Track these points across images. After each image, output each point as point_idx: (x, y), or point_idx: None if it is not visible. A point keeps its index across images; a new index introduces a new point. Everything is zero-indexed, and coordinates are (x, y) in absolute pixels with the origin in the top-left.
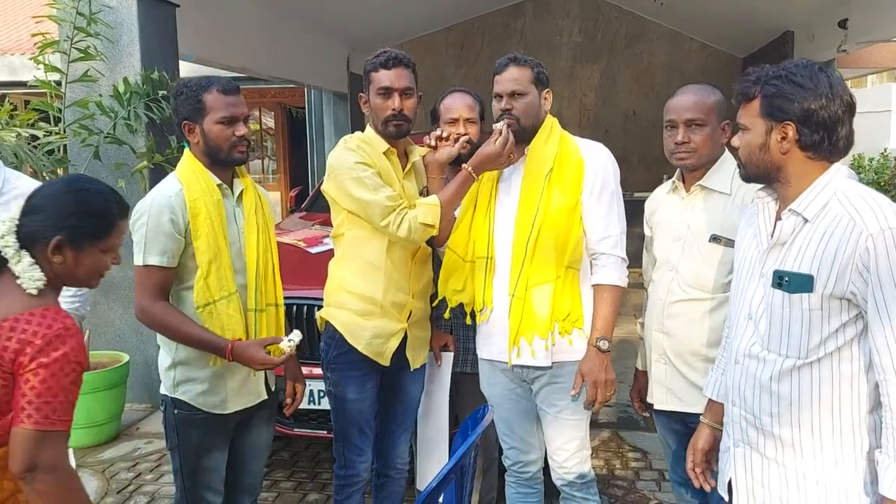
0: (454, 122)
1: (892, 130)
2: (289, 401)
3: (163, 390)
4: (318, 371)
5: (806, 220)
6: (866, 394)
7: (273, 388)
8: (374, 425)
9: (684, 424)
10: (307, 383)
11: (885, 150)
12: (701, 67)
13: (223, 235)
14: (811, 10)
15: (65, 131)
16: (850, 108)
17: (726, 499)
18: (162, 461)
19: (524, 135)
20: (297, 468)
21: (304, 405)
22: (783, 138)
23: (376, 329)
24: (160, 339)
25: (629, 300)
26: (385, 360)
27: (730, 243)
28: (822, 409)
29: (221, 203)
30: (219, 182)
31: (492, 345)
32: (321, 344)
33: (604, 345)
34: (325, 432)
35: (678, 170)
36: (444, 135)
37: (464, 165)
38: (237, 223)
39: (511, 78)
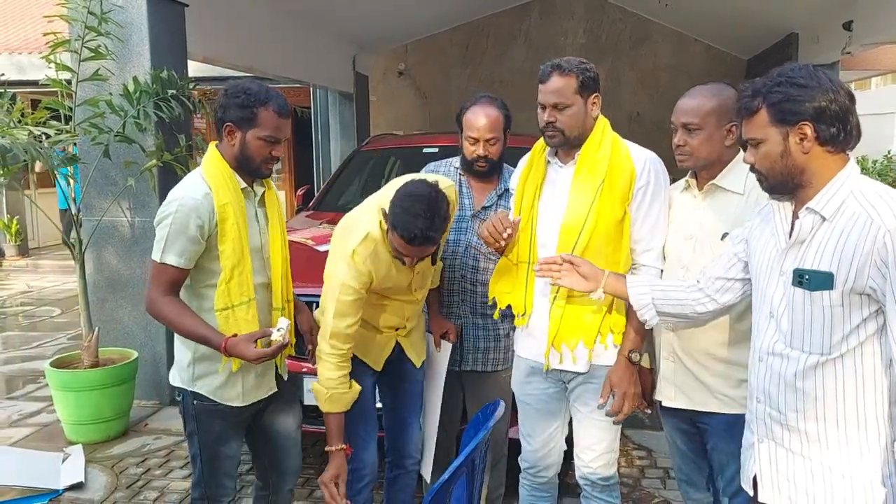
0: (475, 141)
1: (895, 132)
2: (310, 347)
3: (179, 383)
4: None
5: (824, 219)
6: (889, 387)
7: (286, 378)
8: (375, 418)
9: (692, 423)
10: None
11: (889, 152)
12: (705, 69)
13: (246, 241)
14: (816, 11)
15: (75, 130)
16: (852, 97)
17: (751, 493)
18: (170, 457)
19: (571, 143)
20: (306, 464)
21: (311, 401)
22: (802, 139)
23: (368, 342)
24: (178, 336)
25: None
26: (378, 367)
27: None
28: (846, 403)
29: (245, 208)
30: (244, 185)
31: (530, 346)
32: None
33: (635, 357)
34: None
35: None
36: (506, 240)
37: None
38: (258, 223)
39: (553, 89)
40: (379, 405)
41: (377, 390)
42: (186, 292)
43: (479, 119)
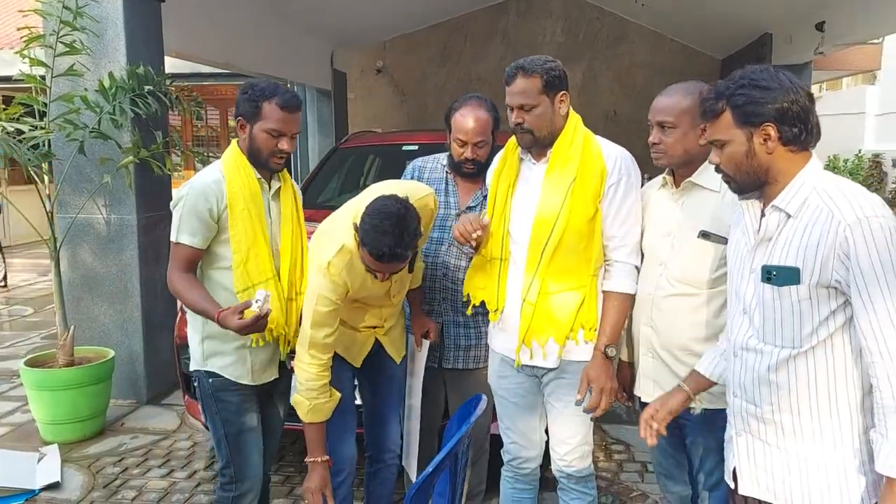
0: (463, 143)
1: (866, 132)
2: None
3: (193, 366)
4: None
5: (789, 216)
6: (860, 377)
7: (289, 367)
8: (354, 413)
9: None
10: None
11: (860, 151)
12: (681, 68)
13: (261, 225)
14: (789, 12)
15: (50, 126)
16: (811, 96)
17: (732, 486)
18: (148, 456)
19: (541, 143)
20: (285, 462)
21: None
22: (766, 139)
23: (347, 340)
24: (189, 320)
25: None
26: (357, 364)
27: (719, 240)
28: (819, 394)
29: (259, 195)
30: (258, 176)
31: (503, 341)
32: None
33: (611, 352)
34: None
35: (668, 168)
36: (476, 242)
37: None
38: (270, 217)
39: (518, 91)
40: (358, 401)
41: (356, 385)
42: (200, 275)
43: (468, 122)
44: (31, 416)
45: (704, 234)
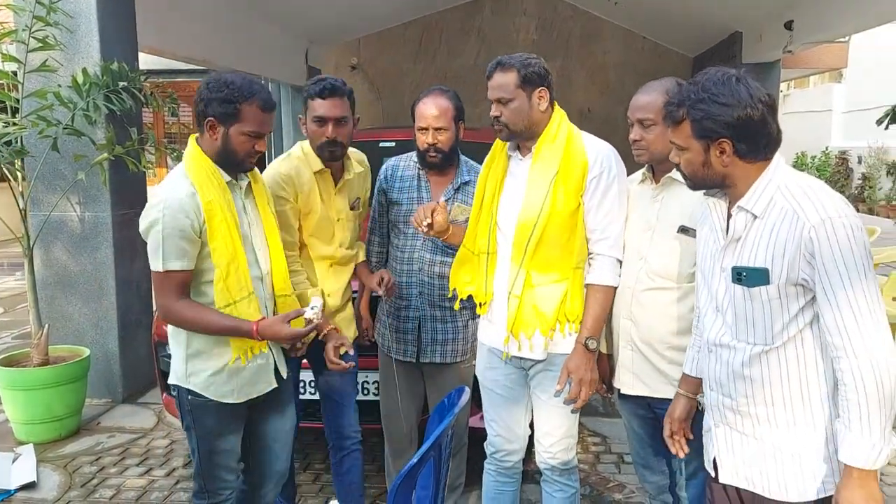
0: (424, 130)
1: (833, 129)
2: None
3: (173, 380)
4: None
5: (755, 216)
6: (830, 369)
7: (285, 376)
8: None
9: (649, 409)
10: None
11: (827, 148)
12: (653, 67)
13: (238, 236)
14: (759, 11)
15: (22, 122)
16: (771, 106)
17: (713, 475)
18: (125, 454)
19: (518, 136)
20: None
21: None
22: (721, 153)
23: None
24: (170, 332)
25: None
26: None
27: (695, 234)
28: (791, 386)
29: (232, 202)
30: (228, 179)
31: (492, 334)
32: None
33: (592, 344)
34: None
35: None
36: (427, 224)
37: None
38: (247, 215)
39: (496, 85)
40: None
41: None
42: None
43: (428, 108)
44: (5, 417)
45: (683, 230)
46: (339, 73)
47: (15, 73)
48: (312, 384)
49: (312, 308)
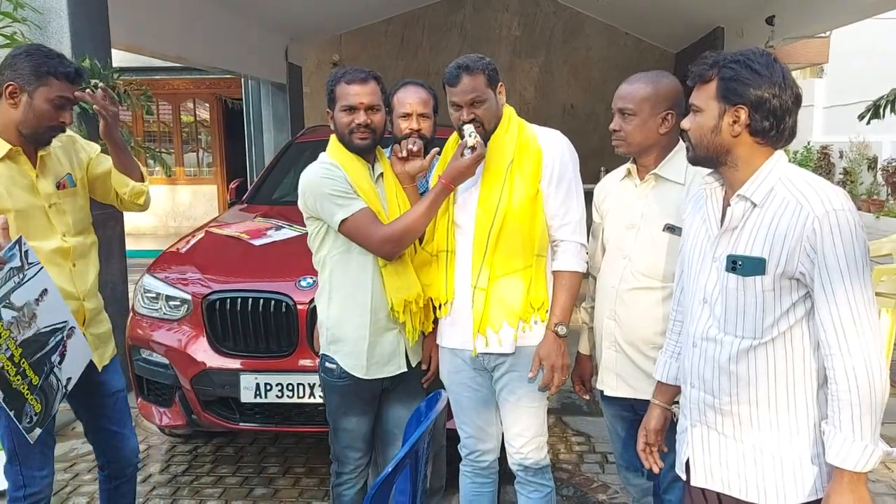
0: (407, 116)
1: (814, 124)
2: (424, 367)
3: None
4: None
5: (754, 205)
6: (817, 369)
7: (414, 365)
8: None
9: (633, 411)
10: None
11: (809, 143)
12: (636, 62)
13: (378, 202)
14: (740, 6)
15: None
16: (798, 99)
17: (684, 478)
18: None
19: (489, 134)
20: (243, 463)
21: (267, 399)
22: (735, 121)
23: None
24: (321, 298)
25: None
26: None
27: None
28: (777, 385)
29: (367, 170)
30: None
31: (455, 334)
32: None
33: (561, 330)
34: (275, 426)
35: (632, 157)
36: (415, 149)
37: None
38: (378, 200)
39: (467, 89)
40: None
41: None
42: (342, 260)
43: (411, 95)
44: None
45: (670, 228)
46: (320, 70)
47: None
48: (289, 387)
49: (470, 134)
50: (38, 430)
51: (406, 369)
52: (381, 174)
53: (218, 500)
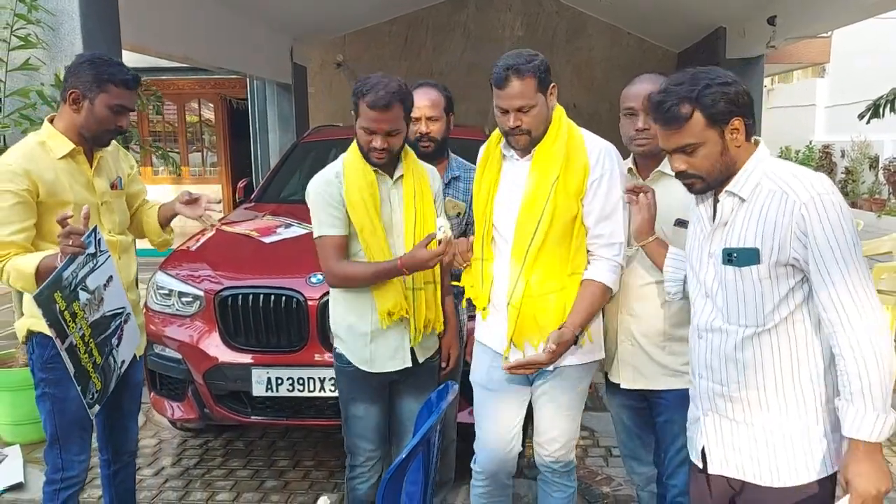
0: (416, 120)
1: (816, 124)
2: (444, 364)
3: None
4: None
5: (742, 200)
6: (820, 350)
7: (421, 361)
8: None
9: (642, 399)
10: (273, 371)
11: (811, 142)
12: (638, 62)
13: (376, 213)
14: (742, 6)
15: (5, 121)
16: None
17: (700, 466)
18: None
19: (537, 141)
20: (253, 456)
21: (278, 393)
22: (735, 134)
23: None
24: (331, 297)
25: None
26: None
27: None
28: (783, 368)
29: (375, 185)
30: (375, 168)
31: (493, 336)
32: (30, 347)
33: (581, 340)
34: (286, 419)
35: (631, 157)
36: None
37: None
38: (391, 203)
39: (516, 94)
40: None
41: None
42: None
43: (420, 99)
44: None
45: (680, 222)
46: (324, 70)
47: None
48: (300, 381)
49: (440, 229)
50: (97, 407)
51: (411, 365)
52: (401, 176)
53: (229, 492)
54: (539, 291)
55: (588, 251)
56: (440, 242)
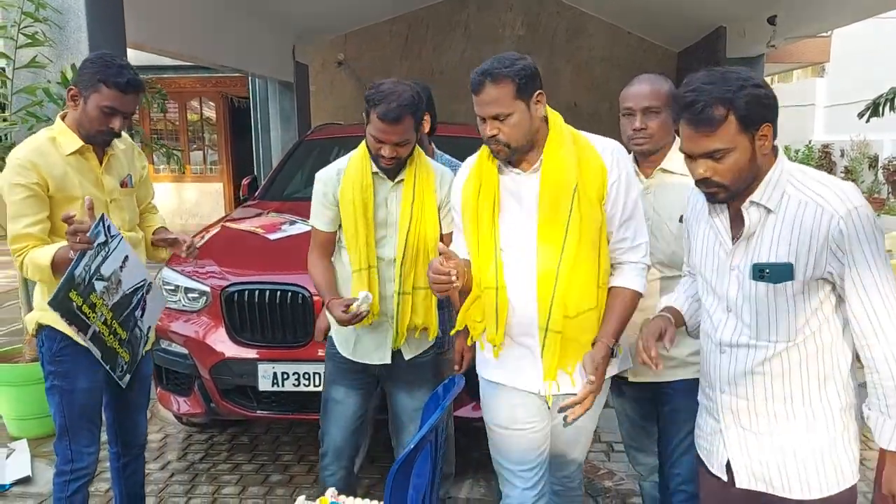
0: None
1: (815, 123)
2: (456, 367)
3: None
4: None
5: (769, 211)
6: (845, 357)
7: (409, 358)
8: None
9: (647, 390)
10: (279, 366)
11: (810, 142)
12: (638, 61)
13: (364, 217)
14: (742, 6)
15: (12, 118)
16: None
17: (724, 479)
18: None
19: (520, 152)
20: (258, 451)
21: (283, 388)
22: (763, 138)
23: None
24: None
25: None
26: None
27: None
28: (810, 377)
29: (370, 189)
30: (375, 170)
31: (516, 371)
32: (39, 340)
33: (618, 351)
34: (291, 413)
35: (632, 156)
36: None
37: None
38: (387, 206)
39: (490, 100)
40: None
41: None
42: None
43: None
44: None
45: (683, 219)
46: (325, 68)
47: (3, 70)
48: (306, 376)
49: (362, 298)
50: (127, 377)
51: (389, 362)
52: (402, 180)
53: (235, 486)
54: (576, 310)
55: (611, 257)
56: (351, 307)
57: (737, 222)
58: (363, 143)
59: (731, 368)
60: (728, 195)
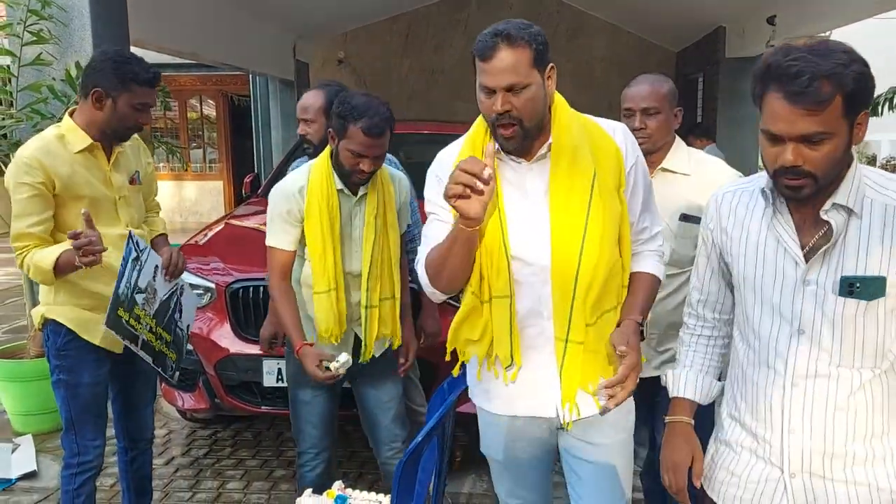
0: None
1: None
2: (402, 360)
3: None
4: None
5: (850, 212)
6: None
7: (377, 356)
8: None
9: (644, 385)
10: (283, 362)
11: None
12: (638, 61)
13: (330, 236)
14: (742, 6)
15: (18, 115)
16: None
17: None
18: None
19: (531, 135)
20: (262, 447)
21: (279, 384)
22: (858, 130)
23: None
24: None
25: None
26: (120, 349)
27: (696, 220)
28: (892, 410)
29: (336, 208)
30: (340, 187)
31: (532, 397)
32: (45, 334)
33: (646, 330)
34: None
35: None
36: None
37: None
38: (352, 221)
39: (504, 67)
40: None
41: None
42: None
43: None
44: (3, 408)
45: (685, 217)
46: (325, 67)
47: (9, 67)
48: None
49: (337, 361)
50: (177, 374)
51: (352, 365)
52: (365, 195)
53: (239, 481)
54: (598, 313)
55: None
56: (330, 369)
57: (804, 230)
58: (321, 158)
59: (808, 405)
60: (815, 190)
